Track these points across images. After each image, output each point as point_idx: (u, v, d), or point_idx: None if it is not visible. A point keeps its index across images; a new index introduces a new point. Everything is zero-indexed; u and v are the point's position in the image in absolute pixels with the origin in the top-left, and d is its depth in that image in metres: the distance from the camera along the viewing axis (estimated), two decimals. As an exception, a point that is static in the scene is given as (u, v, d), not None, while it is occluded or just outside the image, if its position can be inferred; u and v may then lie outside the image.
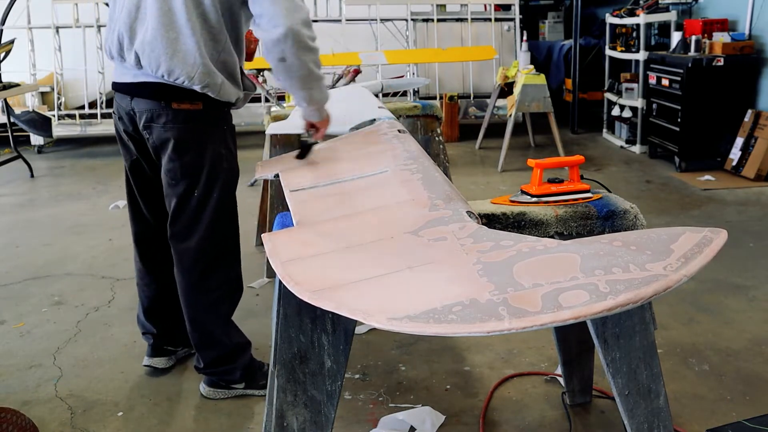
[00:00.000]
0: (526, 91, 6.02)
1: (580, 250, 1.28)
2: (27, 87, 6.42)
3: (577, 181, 2.02)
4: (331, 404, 1.67)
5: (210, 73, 2.19)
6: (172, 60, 2.16)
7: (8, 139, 6.61)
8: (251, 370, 2.56)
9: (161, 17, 2.15)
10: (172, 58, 2.16)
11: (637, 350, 1.68)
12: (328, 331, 1.64)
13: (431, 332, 1.09)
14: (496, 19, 7.60)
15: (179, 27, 2.15)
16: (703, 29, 5.86)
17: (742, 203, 4.86)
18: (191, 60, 2.16)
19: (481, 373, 2.67)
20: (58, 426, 2.42)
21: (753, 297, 3.30)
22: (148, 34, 2.17)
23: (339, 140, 2.61)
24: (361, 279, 1.30)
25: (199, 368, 2.57)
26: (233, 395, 2.56)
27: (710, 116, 5.68)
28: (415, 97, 7.42)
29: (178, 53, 2.16)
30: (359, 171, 2.06)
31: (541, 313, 1.09)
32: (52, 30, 7.11)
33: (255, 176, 2.40)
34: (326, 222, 1.70)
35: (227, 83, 2.26)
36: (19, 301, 3.50)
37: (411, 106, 3.83)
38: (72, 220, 4.89)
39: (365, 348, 2.88)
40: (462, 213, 1.58)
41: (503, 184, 5.58)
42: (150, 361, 2.74)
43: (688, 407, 2.41)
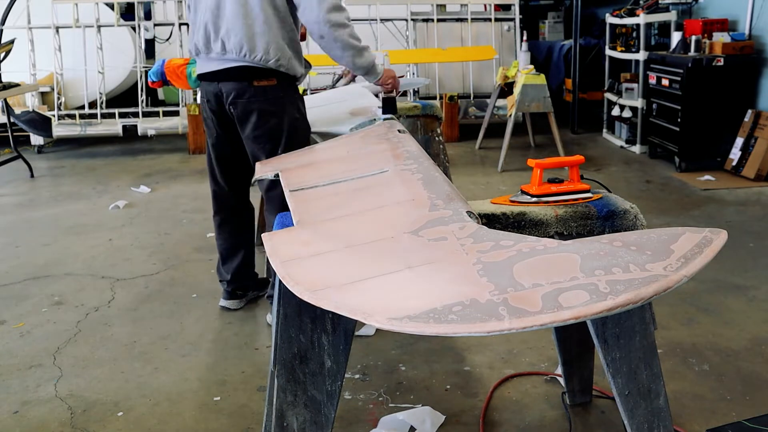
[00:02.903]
0: (526, 91, 6.02)
1: (580, 250, 1.28)
2: (27, 87, 6.43)
3: (577, 181, 2.02)
4: (331, 404, 1.67)
5: (281, 49, 2.75)
6: (251, 41, 2.73)
7: (8, 139, 6.61)
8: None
9: (239, 9, 2.72)
10: (251, 39, 2.73)
11: (637, 350, 1.68)
12: (328, 331, 1.64)
13: (431, 332, 1.09)
14: (496, 19, 7.60)
15: (254, 15, 2.72)
16: (703, 29, 5.85)
17: (742, 203, 4.86)
18: (266, 38, 2.72)
19: (481, 373, 2.67)
20: (58, 426, 2.42)
21: (753, 297, 3.30)
22: (229, 24, 2.74)
23: (339, 140, 2.61)
24: (361, 279, 1.30)
25: (270, 296, 3.08)
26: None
27: (710, 116, 5.68)
28: (415, 97, 7.42)
29: (255, 35, 2.72)
30: (359, 171, 2.06)
31: (541, 313, 1.09)
32: (52, 30, 7.11)
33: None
34: (326, 222, 1.70)
35: (294, 59, 2.81)
36: (19, 301, 3.50)
37: (411, 106, 3.83)
38: (72, 220, 4.89)
39: (365, 348, 2.88)
40: (462, 213, 1.58)
41: (503, 184, 5.58)
42: (225, 303, 3.31)
43: (688, 407, 2.41)
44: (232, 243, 3.25)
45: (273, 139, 2.86)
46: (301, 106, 2.96)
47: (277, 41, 2.75)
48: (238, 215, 3.22)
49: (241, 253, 3.26)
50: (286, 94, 2.86)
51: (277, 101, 2.83)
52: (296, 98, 2.92)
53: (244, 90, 2.80)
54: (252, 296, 3.37)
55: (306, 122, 2.99)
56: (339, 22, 2.68)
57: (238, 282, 3.29)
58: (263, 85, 2.79)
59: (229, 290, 3.30)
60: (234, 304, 3.31)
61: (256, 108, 2.82)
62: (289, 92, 2.87)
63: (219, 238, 3.28)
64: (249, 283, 3.34)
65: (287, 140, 2.86)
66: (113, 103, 7.51)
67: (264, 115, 2.83)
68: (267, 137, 2.86)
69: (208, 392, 2.61)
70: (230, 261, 3.27)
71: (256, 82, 2.79)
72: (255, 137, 2.88)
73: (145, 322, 3.23)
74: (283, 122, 2.85)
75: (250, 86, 2.80)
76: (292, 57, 2.80)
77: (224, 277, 3.29)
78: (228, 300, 3.32)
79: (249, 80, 2.79)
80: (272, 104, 2.82)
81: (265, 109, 2.82)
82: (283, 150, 2.85)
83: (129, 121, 7.06)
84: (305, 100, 3.13)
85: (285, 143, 2.86)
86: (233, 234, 3.24)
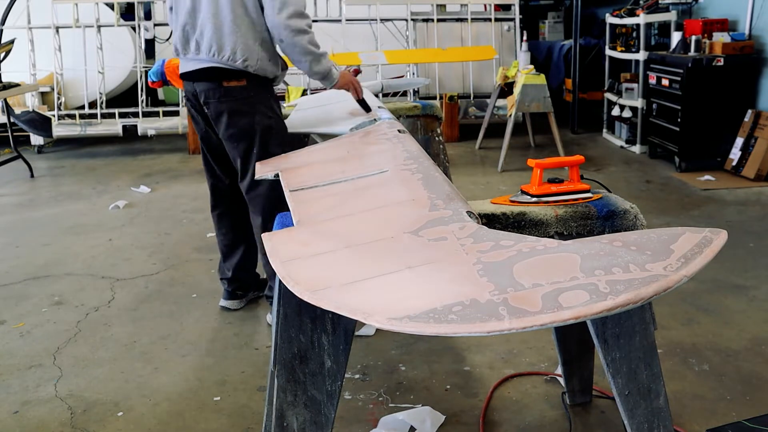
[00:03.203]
0: (526, 91, 6.02)
1: (580, 250, 1.28)
2: (27, 87, 6.43)
3: (577, 181, 2.02)
4: (331, 404, 1.67)
5: (250, 50, 2.78)
6: (220, 41, 2.77)
7: (8, 139, 6.61)
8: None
9: (211, 9, 2.77)
10: (220, 39, 2.77)
11: (637, 350, 1.68)
12: (328, 331, 1.64)
13: (431, 332, 1.09)
14: (496, 19, 7.59)
15: (223, 15, 2.76)
16: (703, 29, 5.85)
17: (742, 203, 4.86)
18: (234, 39, 2.76)
19: (481, 373, 2.67)
20: (58, 426, 2.42)
21: (753, 297, 3.30)
22: (202, 25, 2.80)
23: (339, 140, 2.61)
24: (361, 279, 1.30)
25: (269, 297, 3.14)
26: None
27: (710, 116, 5.68)
28: (415, 97, 7.42)
29: (223, 35, 2.77)
30: (359, 171, 2.06)
31: (541, 313, 1.09)
32: (52, 30, 7.11)
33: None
34: (326, 222, 1.70)
35: (266, 61, 2.83)
36: (19, 301, 3.50)
37: (411, 106, 3.83)
38: (72, 220, 4.89)
39: (365, 348, 2.88)
40: (462, 213, 1.58)
41: (503, 184, 5.58)
42: (225, 303, 3.32)
43: (688, 407, 2.41)
44: (232, 238, 3.25)
45: (245, 138, 2.88)
46: (275, 107, 2.96)
47: (246, 42, 2.77)
48: (236, 207, 3.20)
49: (242, 249, 3.26)
50: (257, 95, 2.87)
51: (247, 101, 2.84)
52: (268, 98, 2.93)
53: (214, 90, 2.84)
54: (252, 296, 3.38)
55: (281, 122, 2.99)
56: (299, 28, 2.72)
57: (239, 281, 3.29)
58: (233, 86, 2.82)
59: (229, 290, 3.31)
60: (234, 304, 3.31)
61: (226, 108, 2.85)
62: (261, 92, 2.88)
63: (219, 233, 3.29)
64: (250, 282, 3.35)
65: (261, 140, 2.87)
66: (113, 103, 7.51)
67: (234, 116, 2.86)
68: (239, 137, 2.89)
69: (208, 392, 2.61)
70: (231, 257, 3.27)
71: (226, 82, 2.82)
72: (228, 137, 2.91)
73: (145, 322, 3.23)
74: (254, 122, 2.86)
75: (220, 87, 2.83)
76: (263, 58, 2.82)
77: (225, 275, 3.30)
78: (228, 300, 3.32)
79: (219, 81, 2.82)
80: (242, 104, 2.84)
81: (235, 110, 2.85)
82: (258, 150, 2.87)
83: (129, 121, 7.06)
84: (305, 100, 3.15)
85: (259, 143, 2.88)
86: (233, 228, 3.24)
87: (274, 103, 2.95)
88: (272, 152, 2.82)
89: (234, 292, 3.31)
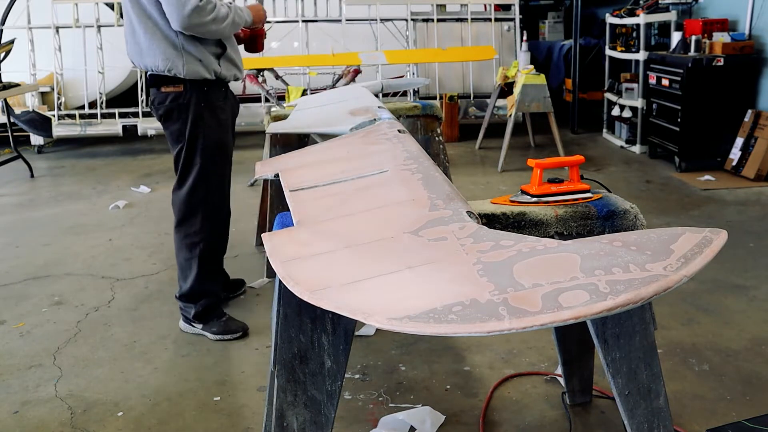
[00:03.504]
0: (526, 91, 6.02)
1: (580, 250, 1.28)
2: (27, 87, 6.42)
3: (577, 181, 2.02)
4: (331, 404, 1.67)
5: (168, 58, 2.81)
6: (140, 56, 2.86)
7: (8, 139, 6.61)
8: (207, 315, 3.05)
9: (127, 24, 2.87)
10: (140, 55, 2.86)
11: (637, 350, 1.68)
12: (328, 331, 1.64)
13: (431, 332, 1.09)
14: (496, 19, 7.59)
15: (137, 31, 2.83)
16: (703, 29, 5.85)
17: (742, 203, 4.86)
18: (152, 51, 2.81)
19: (481, 373, 2.67)
20: (58, 426, 2.42)
21: (753, 297, 3.30)
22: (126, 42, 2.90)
23: (339, 140, 2.61)
24: (361, 279, 1.30)
25: (176, 296, 3.12)
26: (193, 332, 3.07)
27: (710, 116, 5.68)
28: (415, 97, 7.42)
29: (142, 50, 2.84)
30: (359, 171, 2.06)
31: (541, 313, 1.09)
32: (52, 30, 7.11)
33: (255, 176, 2.40)
34: (326, 222, 1.70)
35: (193, 62, 2.84)
36: (19, 301, 3.50)
37: (411, 106, 3.83)
38: (72, 220, 4.89)
39: (365, 348, 2.88)
40: (462, 213, 1.58)
41: (503, 184, 5.58)
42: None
43: (688, 407, 2.41)
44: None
45: (176, 144, 2.94)
46: (207, 116, 2.92)
47: (165, 51, 2.81)
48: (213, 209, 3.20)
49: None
50: (191, 101, 2.88)
51: (180, 107, 2.88)
52: (203, 106, 2.91)
53: (155, 96, 2.92)
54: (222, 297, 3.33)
55: (212, 135, 2.95)
56: (200, 22, 2.72)
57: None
58: (169, 91, 2.88)
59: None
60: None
61: (162, 113, 2.93)
62: (196, 99, 2.89)
63: None
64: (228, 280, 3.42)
65: (188, 148, 2.91)
66: (113, 103, 7.51)
67: (167, 120, 2.93)
68: (172, 140, 2.96)
69: (208, 392, 2.61)
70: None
71: (164, 88, 2.88)
72: (168, 139, 3.00)
73: (145, 322, 3.23)
74: (185, 129, 2.90)
75: (159, 92, 2.90)
76: (190, 61, 2.83)
77: None
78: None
79: (158, 86, 2.90)
80: (174, 111, 2.89)
81: (167, 115, 2.92)
82: (184, 158, 2.92)
83: (129, 121, 7.06)
84: (305, 100, 3.14)
85: (186, 151, 2.91)
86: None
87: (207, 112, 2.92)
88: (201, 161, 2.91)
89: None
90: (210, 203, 3.00)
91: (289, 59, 7.02)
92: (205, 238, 3.02)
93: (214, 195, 3.01)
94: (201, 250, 3.02)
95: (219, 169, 3.02)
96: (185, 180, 2.96)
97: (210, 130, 2.94)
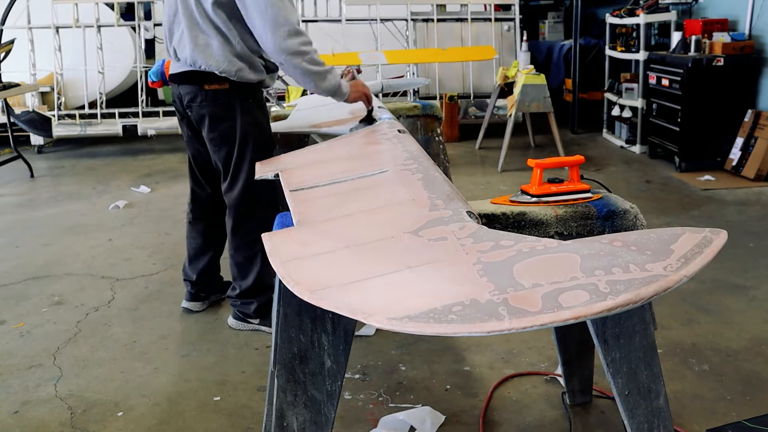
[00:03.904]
0: (526, 91, 6.02)
1: (580, 250, 1.28)
2: (27, 87, 6.42)
3: (577, 181, 2.02)
4: (331, 404, 1.67)
5: (226, 62, 2.74)
6: (194, 52, 2.76)
7: (8, 139, 6.61)
8: (267, 309, 3.01)
9: (187, 21, 2.76)
10: (194, 51, 2.76)
11: (637, 350, 1.68)
12: (328, 331, 1.64)
13: (431, 332, 1.09)
14: (496, 19, 7.59)
15: (200, 28, 2.75)
16: (703, 29, 5.85)
17: (742, 203, 4.85)
18: (209, 52, 2.74)
19: (481, 373, 2.67)
20: (58, 426, 2.42)
21: (753, 297, 3.30)
22: (180, 33, 2.80)
23: (339, 140, 2.61)
24: (361, 279, 1.30)
25: (230, 296, 3.11)
26: (250, 329, 3.09)
27: (710, 116, 5.68)
28: (415, 97, 7.42)
29: (199, 47, 2.75)
30: (359, 171, 2.06)
31: (541, 313, 1.09)
32: (52, 30, 7.11)
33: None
34: (326, 222, 1.70)
35: (246, 69, 2.78)
36: (19, 301, 3.50)
37: (411, 106, 3.83)
38: (72, 220, 4.89)
39: (365, 348, 2.88)
40: (462, 213, 1.58)
41: (503, 184, 5.58)
42: (187, 305, 3.32)
43: (688, 407, 2.41)
44: (201, 243, 3.25)
45: (226, 143, 2.86)
46: (257, 112, 2.90)
47: (223, 53, 2.73)
48: (211, 216, 3.21)
49: (209, 255, 3.27)
50: (239, 99, 2.82)
51: (228, 106, 2.82)
52: (251, 103, 2.87)
53: (196, 94, 2.82)
54: (215, 299, 3.38)
55: (263, 131, 2.93)
56: (296, 50, 2.61)
57: (202, 284, 3.30)
58: (214, 89, 2.79)
59: (192, 291, 3.31)
60: (196, 306, 3.32)
61: (207, 112, 2.83)
62: (243, 97, 2.83)
63: (189, 236, 3.29)
64: (213, 285, 3.35)
65: (240, 145, 2.85)
66: (113, 103, 7.51)
67: (215, 119, 2.84)
68: (220, 141, 2.87)
69: (208, 392, 2.61)
70: (197, 261, 3.27)
71: (207, 86, 2.79)
72: (210, 140, 2.91)
73: (145, 322, 3.23)
74: (236, 127, 2.84)
75: (202, 90, 2.80)
76: (243, 68, 2.77)
77: (189, 277, 3.30)
78: (190, 302, 3.32)
79: (200, 84, 2.79)
80: (223, 109, 2.82)
81: (215, 114, 2.83)
82: (236, 156, 2.87)
83: (129, 121, 7.06)
84: (305, 100, 3.14)
85: (238, 148, 2.86)
86: (203, 234, 3.24)
87: (257, 109, 2.90)
88: (251, 158, 2.82)
89: (197, 294, 3.31)
90: (264, 199, 2.96)
91: (289, 59, 7.01)
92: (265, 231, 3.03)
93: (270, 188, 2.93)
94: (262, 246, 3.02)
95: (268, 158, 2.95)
96: (237, 180, 2.90)
97: (260, 127, 2.90)
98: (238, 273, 3.05)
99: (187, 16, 2.75)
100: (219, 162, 2.94)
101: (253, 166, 2.75)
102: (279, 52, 2.61)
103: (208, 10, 2.70)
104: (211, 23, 2.71)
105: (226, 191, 2.97)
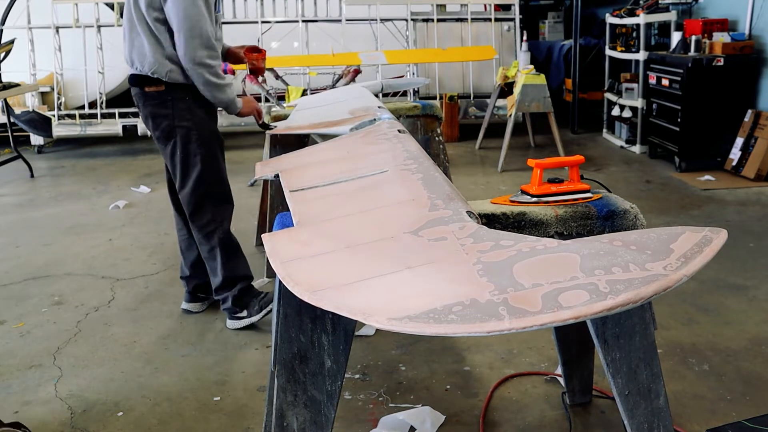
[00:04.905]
0: (526, 91, 6.02)
1: (580, 250, 1.28)
2: (27, 87, 6.42)
3: (577, 181, 2.02)
4: (331, 404, 1.67)
5: (157, 63, 2.91)
6: (132, 53, 2.96)
7: (8, 139, 6.61)
8: (244, 297, 3.11)
9: (128, 23, 2.97)
10: (132, 52, 2.96)
11: (637, 350, 1.68)
12: (328, 331, 1.64)
13: (431, 332, 1.09)
14: (496, 19, 7.59)
15: (137, 30, 2.93)
16: (703, 29, 5.85)
17: (742, 203, 4.86)
18: (143, 52, 2.92)
19: (481, 373, 2.67)
20: (58, 426, 2.42)
21: (753, 297, 3.30)
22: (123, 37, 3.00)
23: (339, 140, 2.61)
24: (361, 279, 1.30)
25: (215, 298, 3.18)
26: (244, 324, 3.11)
27: (710, 116, 5.68)
28: (415, 97, 7.42)
29: (135, 48, 2.95)
30: (359, 171, 2.06)
31: (541, 313, 1.09)
32: (52, 30, 7.11)
33: (255, 176, 2.40)
34: (326, 222, 1.70)
35: (176, 71, 2.92)
36: (19, 301, 3.50)
37: (411, 106, 3.83)
38: (72, 220, 4.89)
39: (365, 348, 2.88)
40: (462, 213, 1.58)
41: (503, 184, 5.58)
42: (186, 306, 3.33)
43: (688, 407, 2.41)
44: (186, 234, 3.26)
45: (168, 141, 2.99)
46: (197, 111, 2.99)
47: (154, 55, 2.90)
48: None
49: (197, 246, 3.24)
50: (176, 99, 2.95)
51: (165, 105, 2.96)
52: (188, 102, 2.97)
53: (140, 96, 3.00)
54: (213, 299, 3.32)
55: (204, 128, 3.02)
56: (202, 61, 2.84)
57: (197, 278, 3.27)
58: (152, 91, 2.95)
59: (190, 291, 3.30)
60: (196, 307, 3.31)
61: (149, 113, 3.00)
62: (179, 97, 2.95)
63: (176, 228, 3.33)
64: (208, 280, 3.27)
65: (183, 144, 2.98)
66: (113, 103, 7.51)
67: (156, 119, 2.99)
68: (163, 139, 3.01)
69: (208, 392, 2.61)
70: (188, 253, 3.28)
71: (147, 88, 2.96)
72: (156, 140, 3.05)
73: (145, 322, 3.23)
74: (174, 125, 2.97)
75: (143, 92, 2.97)
76: (173, 70, 2.91)
77: (184, 273, 3.31)
78: (190, 303, 3.32)
79: (141, 87, 2.97)
80: (161, 108, 2.96)
81: (156, 113, 2.98)
82: (181, 153, 2.99)
83: (129, 121, 7.06)
84: (305, 100, 3.15)
85: (181, 147, 2.98)
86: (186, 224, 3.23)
87: (196, 107, 2.99)
88: (195, 155, 2.97)
89: (195, 294, 3.31)
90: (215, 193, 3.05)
91: (289, 59, 7.02)
92: (219, 224, 3.07)
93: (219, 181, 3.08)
94: (219, 238, 3.06)
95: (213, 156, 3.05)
96: (187, 176, 3.01)
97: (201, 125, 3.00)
98: (210, 271, 3.13)
99: (128, 18, 2.96)
100: (167, 161, 3.06)
101: (198, 162, 2.99)
102: (187, 60, 2.83)
103: (144, 13, 2.87)
104: (146, 25, 2.89)
105: (179, 190, 3.07)
